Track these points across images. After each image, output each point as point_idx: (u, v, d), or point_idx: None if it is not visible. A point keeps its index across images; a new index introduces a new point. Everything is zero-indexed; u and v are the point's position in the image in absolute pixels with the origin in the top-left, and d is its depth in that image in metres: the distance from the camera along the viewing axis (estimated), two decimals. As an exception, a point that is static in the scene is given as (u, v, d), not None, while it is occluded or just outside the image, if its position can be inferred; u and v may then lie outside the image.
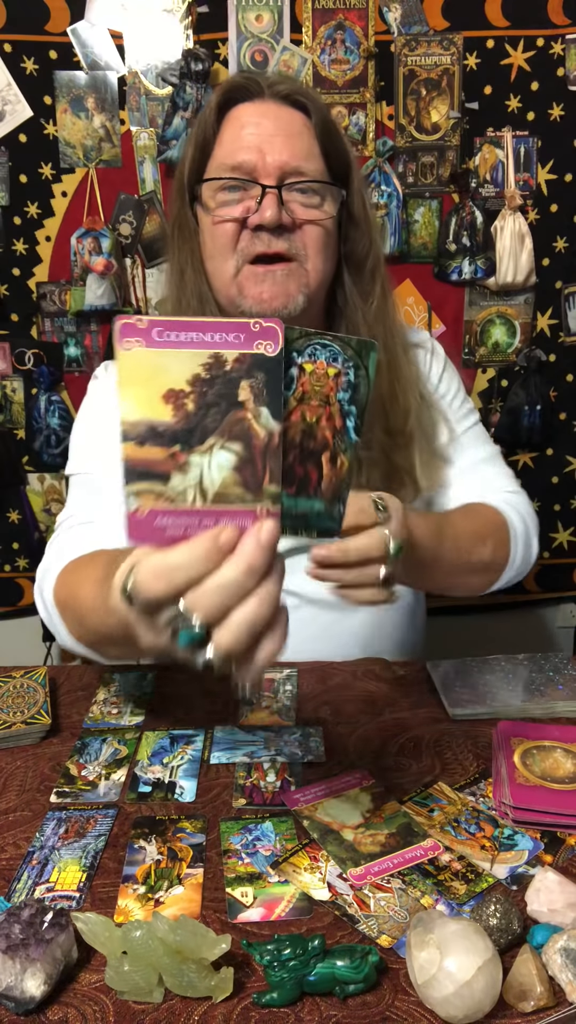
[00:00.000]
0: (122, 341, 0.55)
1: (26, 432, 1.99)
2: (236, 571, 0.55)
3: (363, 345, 0.60)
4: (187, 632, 0.56)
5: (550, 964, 0.64)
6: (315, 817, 0.83)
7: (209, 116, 1.04)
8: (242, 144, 1.01)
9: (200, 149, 1.05)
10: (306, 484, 0.61)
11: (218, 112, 1.04)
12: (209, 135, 1.04)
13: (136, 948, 0.63)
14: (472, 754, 0.93)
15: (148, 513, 0.57)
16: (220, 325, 0.55)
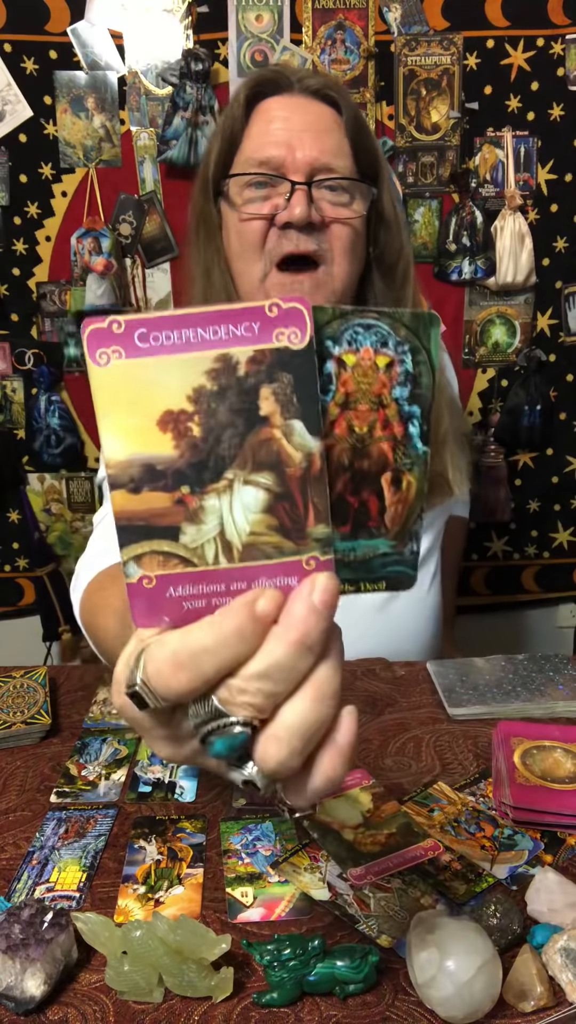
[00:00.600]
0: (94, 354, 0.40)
1: (26, 432, 1.99)
2: (285, 649, 0.40)
3: (420, 320, 0.44)
4: (224, 739, 0.41)
5: (550, 964, 0.64)
6: (315, 817, 0.83)
7: (236, 110, 1.01)
8: (271, 139, 0.98)
9: (227, 143, 1.02)
10: (364, 518, 0.45)
11: (246, 106, 1.01)
12: (236, 129, 1.01)
13: (136, 948, 0.63)
14: (472, 754, 0.93)
15: (157, 582, 0.42)
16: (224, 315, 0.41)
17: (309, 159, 0.97)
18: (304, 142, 0.97)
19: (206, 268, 1.06)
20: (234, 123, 1.01)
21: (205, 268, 1.07)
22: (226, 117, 1.03)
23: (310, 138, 0.97)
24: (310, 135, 0.97)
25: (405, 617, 1.18)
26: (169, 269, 1.91)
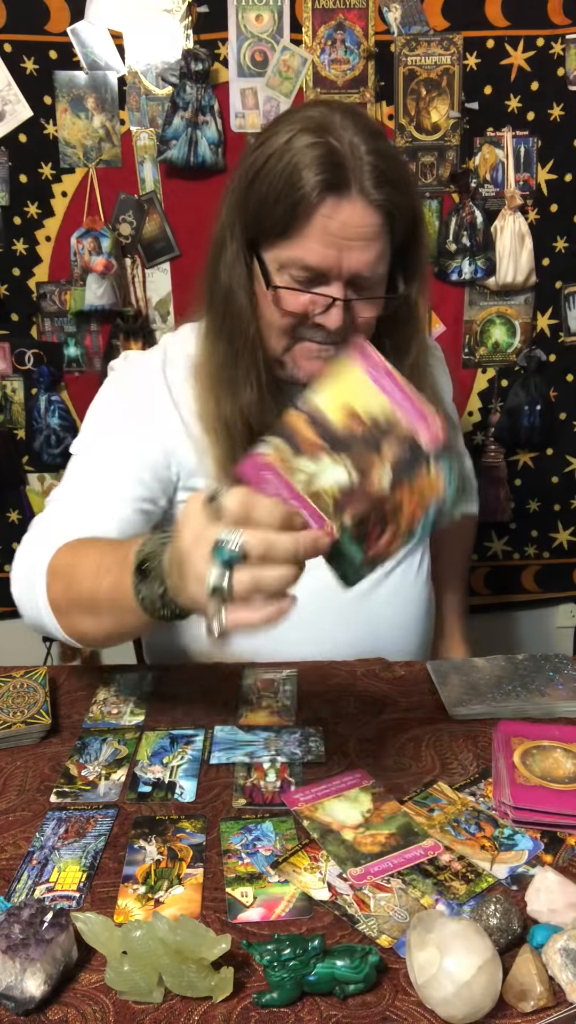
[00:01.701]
0: (359, 349, 0.73)
1: (26, 432, 1.99)
2: (289, 543, 0.66)
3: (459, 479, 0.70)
4: (224, 551, 0.65)
5: (550, 964, 0.64)
6: (315, 817, 0.83)
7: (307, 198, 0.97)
8: (322, 246, 0.99)
9: (285, 211, 0.99)
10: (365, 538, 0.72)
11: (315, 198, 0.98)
12: (297, 214, 0.98)
13: (136, 948, 0.63)
14: (472, 754, 0.93)
15: (266, 463, 0.71)
16: (416, 409, 0.69)
17: (354, 269, 1.00)
18: (352, 252, 0.99)
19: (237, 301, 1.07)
20: (295, 208, 0.98)
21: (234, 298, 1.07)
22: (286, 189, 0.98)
23: (359, 248, 0.99)
24: (359, 246, 0.99)
25: (387, 607, 1.19)
26: (169, 269, 1.91)
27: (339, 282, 1.01)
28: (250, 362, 1.08)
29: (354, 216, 0.98)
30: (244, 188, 1.03)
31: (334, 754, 0.93)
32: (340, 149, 0.97)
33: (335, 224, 0.98)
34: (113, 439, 1.12)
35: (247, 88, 1.83)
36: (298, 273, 1.01)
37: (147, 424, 1.12)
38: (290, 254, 1.01)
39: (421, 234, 1.09)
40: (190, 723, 1.00)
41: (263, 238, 1.03)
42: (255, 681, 1.09)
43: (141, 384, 1.16)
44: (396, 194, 1.00)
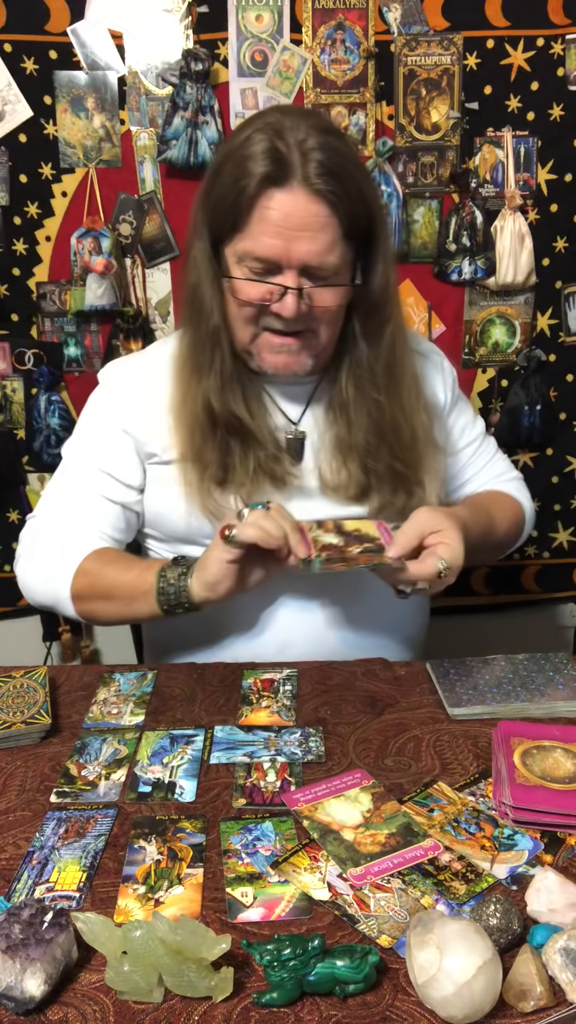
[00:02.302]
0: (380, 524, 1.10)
1: (26, 432, 1.99)
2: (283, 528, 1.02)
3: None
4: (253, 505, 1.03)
5: (550, 964, 0.64)
6: (315, 817, 0.83)
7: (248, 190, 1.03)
8: (268, 237, 1.03)
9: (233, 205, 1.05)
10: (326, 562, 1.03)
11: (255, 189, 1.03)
12: (242, 206, 1.04)
13: (136, 948, 0.63)
14: (472, 754, 0.93)
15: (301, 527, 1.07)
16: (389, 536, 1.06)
17: (302, 259, 1.04)
18: (299, 242, 1.03)
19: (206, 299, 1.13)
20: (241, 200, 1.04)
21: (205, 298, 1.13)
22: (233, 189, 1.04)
23: (305, 238, 1.03)
24: (305, 235, 1.03)
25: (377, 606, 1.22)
26: (169, 269, 1.90)
27: (291, 271, 1.05)
28: (213, 350, 1.14)
29: (296, 206, 1.02)
30: (206, 189, 1.10)
31: (334, 754, 0.93)
32: (284, 144, 1.03)
33: (278, 214, 1.03)
34: (93, 441, 1.24)
35: (247, 88, 1.83)
36: (252, 264, 1.06)
37: (123, 420, 1.21)
38: (243, 246, 1.06)
39: (379, 225, 1.12)
40: (190, 723, 1.00)
41: (222, 234, 1.09)
42: (255, 681, 1.09)
43: (120, 387, 1.25)
44: (339, 184, 1.03)
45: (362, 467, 1.17)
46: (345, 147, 1.08)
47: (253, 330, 1.11)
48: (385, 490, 1.18)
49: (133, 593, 1.12)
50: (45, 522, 1.24)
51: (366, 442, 1.17)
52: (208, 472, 1.14)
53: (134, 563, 1.16)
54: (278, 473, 1.16)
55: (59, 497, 1.25)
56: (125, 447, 1.21)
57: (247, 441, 1.15)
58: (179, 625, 1.23)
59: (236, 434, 1.15)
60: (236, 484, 1.15)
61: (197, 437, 1.15)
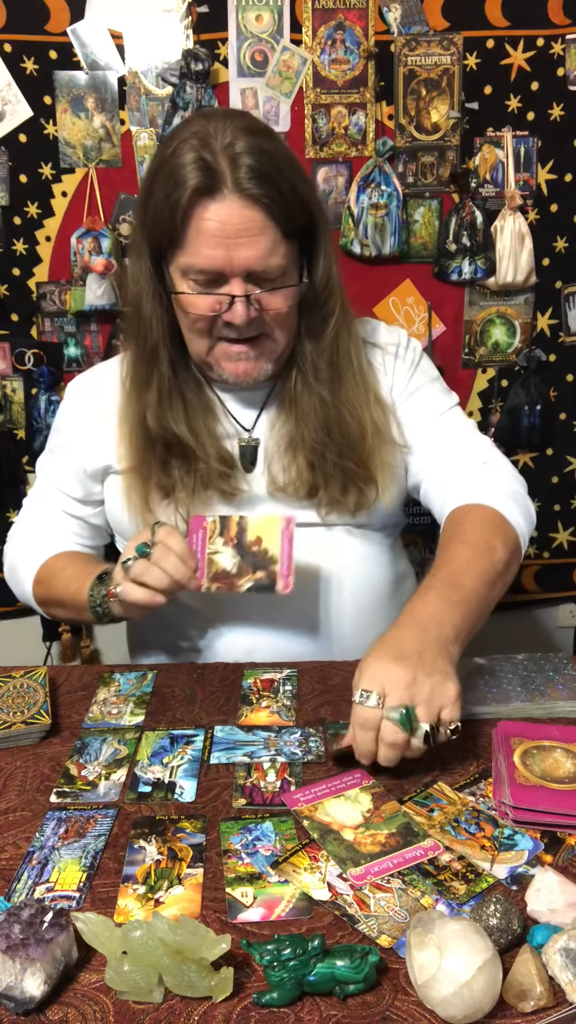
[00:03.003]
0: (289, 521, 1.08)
1: (26, 432, 1.99)
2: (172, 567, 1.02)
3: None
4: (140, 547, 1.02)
5: (550, 964, 0.64)
6: (315, 817, 0.83)
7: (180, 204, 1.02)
8: (207, 248, 1.03)
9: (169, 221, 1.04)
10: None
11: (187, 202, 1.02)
12: (177, 222, 1.04)
13: (136, 948, 0.63)
14: (472, 754, 0.93)
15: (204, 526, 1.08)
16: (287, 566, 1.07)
17: (245, 265, 1.04)
18: (239, 249, 1.03)
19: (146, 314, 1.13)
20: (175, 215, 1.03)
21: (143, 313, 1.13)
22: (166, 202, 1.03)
23: (244, 245, 1.03)
24: (244, 242, 1.03)
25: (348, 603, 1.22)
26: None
27: (236, 279, 1.05)
28: (151, 367, 1.15)
29: (232, 214, 1.02)
30: (141, 207, 1.10)
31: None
32: (210, 153, 1.02)
33: (214, 225, 1.02)
34: (55, 459, 1.28)
35: (247, 88, 1.83)
36: (197, 276, 1.06)
37: (79, 438, 1.24)
38: (185, 260, 1.06)
39: (318, 219, 1.11)
40: (190, 723, 1.00)
41: (161, 251, 1.09)
42: (255, 681, 1.09)
43: (77, 403, 1.28)
44: (271, 186, 1.03)
45: (309, 464, 1.16)
46: (273, 146, 1.06)
47: (208, 342, 1.11)
48: (334, 488, 1.17)
49: (77, 606, 1.15)
50: (21, 530, 1.31)
51: (313, 438, 1.16)
52: (149, 485, 1.16)
53: (76, 573, 1.17)
54: (225, 488, 1.16)
55: (30, 510, 1.31)
56: (81, 464, 1.23)
57: (188, 458, 1.15)
58: (154, 630, 1.24)
59: (175, 451, 1.15)
60: (180, 498, 1.16)
61: (136, 452, 1.16)
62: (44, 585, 1.22)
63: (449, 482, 1.19)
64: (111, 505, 1.24)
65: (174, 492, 1.16)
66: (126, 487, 1.18)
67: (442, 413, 1.25)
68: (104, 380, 1.25)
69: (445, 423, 1.24)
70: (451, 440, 1.23)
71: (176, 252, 1.07)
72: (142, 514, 1.16)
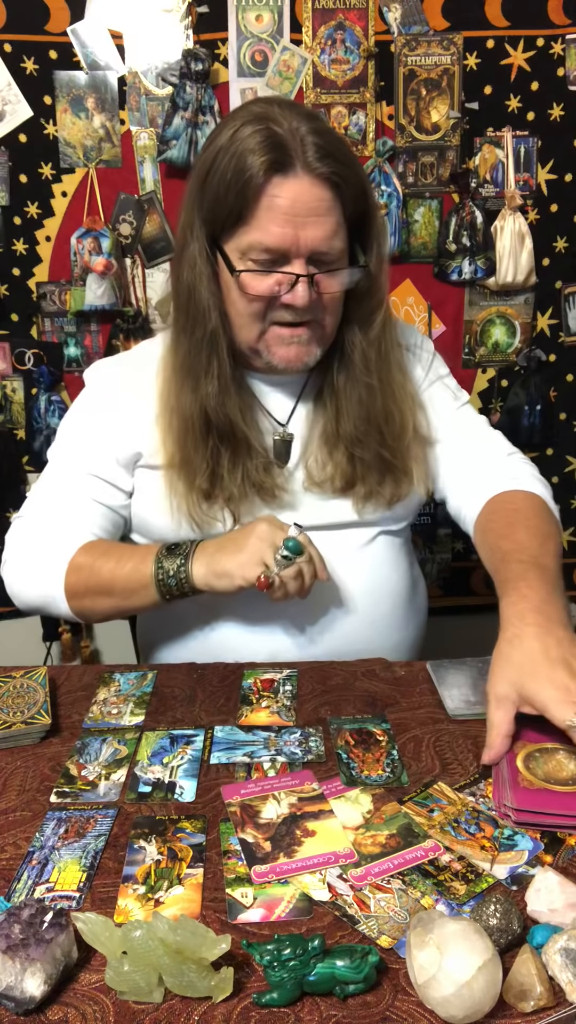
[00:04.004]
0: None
1: (26, 432, 1.99)
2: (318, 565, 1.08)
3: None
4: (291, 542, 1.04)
5: (550, 964, 0.64)
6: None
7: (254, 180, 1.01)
8: (276, 225, 1.03)
9: (236, 198, 1.03)
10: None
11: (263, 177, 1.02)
12: (247, 197, 1.03)
13: (136, 948, 0.63)
14: (472, 754, 0.93)
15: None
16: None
17: (311, 245, 1.04)
18: (307, 228, 1.03)
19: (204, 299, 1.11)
20: (247, 190, 1.02)
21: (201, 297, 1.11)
22: (236, 174, 1.02)
23: (313, 224, 1.03)
24: (312, 222, 1.03)
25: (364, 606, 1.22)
26: (169, 269, 1.91)
27: (300, 259, 1.05)
28: (211, 355, 1.13)
29: (302, 191, 1.02)
30: (199, 187, 1.08)
31: (334, 754, 0.93)
32: (280, 131, 1.02)
33: (285, 202, 1.02)
34: (81, 443, 1.22)
35: (247, 88, 1.83)
36: (259, 256, 1.05)
37: (110, 422, 1.20)
38: (249, 239, 1.05)
39: (372, 207, 1.12)
40: (190, 723, 1.00)
41: (222, 230, 1.07)
42: (255, 681, 1.09)
43: (106, 388, 1.23)
44: (340, 166, 1.03)
45: (348, 457, 1.16)
46: (335, 131, 1.08)
47: (260, 326, 1.10)
48: (372, 479, 1.17)
49: (131, 586, 1.11)
50: (31, 523, 1.22)
51: (354, 430, 1.16)
52: (196, 481, 1.13)
53: (126, 554, 1.13)
54: (267, 486, 1.15)
55: (46, 499, 1.22)
56: (113, 450, 1.19)
57: (238, 450, 1.14)
58: (171, 629, 1.23)
59: (228, 442, 1.14)
60: (224, 495, 1.14)
61: (188, 444, 1.13)
62: (84, 572, 1.14)
63: (479, 472, 1.24)
64: (140, 502, 1.20)
65: (219, 489, 1.14)
66: (167, 483, 1.15)
67: (459, 408, 1.30)
68: (132, 372, 1.23)
69: (463, 418, 1.29)
70: (473, 434, 1.28)
71: (239, 230, 1.05)
72: (189, 509, 1.14)
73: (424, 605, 1.34)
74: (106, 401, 1.22)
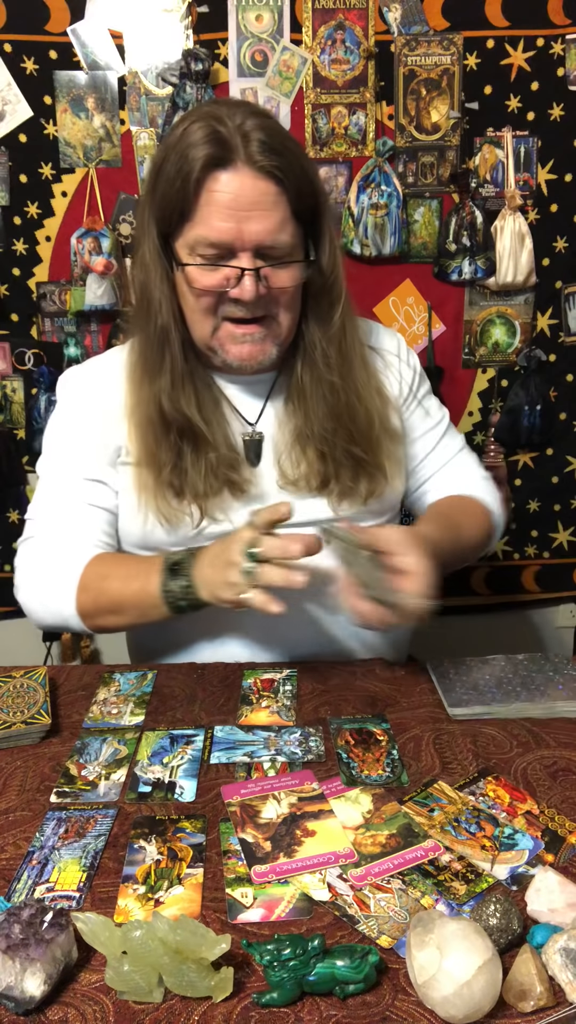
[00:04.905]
0: None
1: (26, 432, 1.99)
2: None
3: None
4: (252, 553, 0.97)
5: (550, 964, 0.64)
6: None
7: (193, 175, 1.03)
8: (219, 220, 1.03)
9: (180, 193, 1.05)
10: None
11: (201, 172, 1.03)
12: (189, 193, 1.04)
13: (136, 948, 0.63)
14: (472, 754, 0.93)
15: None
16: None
17: (255, 239, 1.04)
18: (250, 222, 1.03)
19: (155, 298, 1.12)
20: (187, 188, 1.04)
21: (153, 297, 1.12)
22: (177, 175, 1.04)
23: (256, 217, 1.03)
24: (256, 215, 1.03)
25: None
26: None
27: (245, 253, 1.05)
28: (163, 350, 1.14)
29: (244, 186, 1.03)
30: (150, 187, 1.09)
31: (334, 754, 0.93)
32: (224, 128, 1.03)
33: (227, 196, 1.03)
34: (66, 452, 1.22)
35: (247, 88, 1.83)
36: (205, 251, 1.06)
37: (91, 422, 1.20)
38: (195, 234, 1.06)
39: (323, 203, 1.12)
40: (190, 723, 1.00)
41: (171, 228, 1.08)
42: (255, 681, 1.09)
43: (80, 391, 1.24)
44: (283, 160, 1.04)
45: (320, 455, 1.16)
46: (282, 128, 1.09)
47: (212, 322, 1.10)
48: (345, 476, 1.17)
49: (142, 606, 1.10)
50: (38, 543, 1.21)
51: (322, 429, 1.16)
52: (162, 475, 1.13)
53: (131, 571, 1.12)
54: (235, 480, 1.15)
55: (46, 516, 1.22)
56: (99, 448, 1.19)
57: (199, 444, 1.14)
58: (166, 634, 1.23)
59: (188, 437, 1.14)
60: (191, 491, 1.14)
61: (151, 439, 1.14)
62: (92, 592, 1.13)
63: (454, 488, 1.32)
64: (121, 496, 1.20)
65: (186, 485, 1.14)
66: (137, 479, 1.15)
67: (444, 428, 1.33)
68: (101, 372, 1.24)
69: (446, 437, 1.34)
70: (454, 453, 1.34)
71: (185, 226, 1.06)
72: (157, 504, 1.14)
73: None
74: (83, 403, 1.22)
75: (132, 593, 1.10)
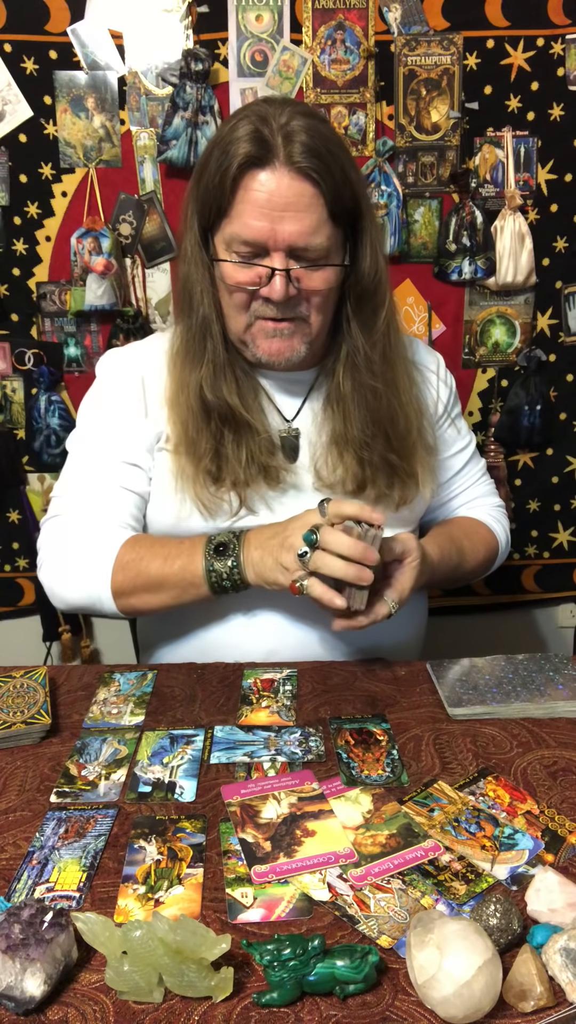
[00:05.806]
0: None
1: (26, 432, 1.99)
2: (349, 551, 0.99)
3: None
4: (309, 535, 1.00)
5: (550, 964, 0.64)
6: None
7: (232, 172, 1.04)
8: (254, 219, 1.04)
9: (219, 190, 1.06)
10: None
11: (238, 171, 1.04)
12: (227, 189, 1.05)
13: (136, 948, 0.63)
14: (472, 753, 0.93)
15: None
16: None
17: (288, 240, 1.05)
18: (284, 223, 1.04)
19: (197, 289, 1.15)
20: (224, 186, 1.05)
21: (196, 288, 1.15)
22: (218, 171, 1.06)
23: (290, 219, 1.04)
24: (290, 216, 1.04)
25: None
26: (169, 269, 1.91)
27: (278, 253, 1.06)
28: (204, 339, 1.15)
29: (280, 186, 1.03)
30: (196, 180, 1.11)
31: (334, 754, 0.93)
32: (267, 127, 1.04)
33: (263, 195, 1.04)
34: (103, 432, 1.22)
35: (247, 88, 1.83)
36: (240, 248, 1.07)
37: (133, 405, 1.21)
38: (230, 230, 1.07)
39: (366, 208, 1.13)
40: (190, 723, 1.00)
41: (210, 222, 1.10)
42: (255, 681, 1.09)
43: (123, 372, 1.24)
44: (322, 163, 1.04)
45: (358, 460, 1.17)
46: (329, 131, 1.09)
47: (246, 318, 1.12)
48: (381, 482, 1.18)
49: (182, 584, 1.11)
50: (67, 521, 1.20)
51: (361, 433, 1.17)
52: (202, 463, 1.14)
53: (172, 551, 1.12)
54: (271, 468, 1.16)
55: (77, 493, 1.21)
56: (139, 433, 1.20)
57: (240, 431, 1.15)
58: (171, 627, 1.23)
59: (229, 424, 1.15)
60: (230, 478, 1.14)
61: (191, 427, 1.15)
62: (131, 571, 1.13)
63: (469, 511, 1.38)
64: (156, 482, 1.20)
65: (225, 472, 1.14)
66: (176, 466, 1.16)
67: (472, 452, 1.39)
68: (144, 358, 1.25)
69: (472, 461, 1.39)
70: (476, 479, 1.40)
71: (223, 222, 1.08)
72: (196, 491, 1.14)
73: (424, 605, 1.34)
74: (125, 387, 1.22)
75: (174, 572, 1.10)
